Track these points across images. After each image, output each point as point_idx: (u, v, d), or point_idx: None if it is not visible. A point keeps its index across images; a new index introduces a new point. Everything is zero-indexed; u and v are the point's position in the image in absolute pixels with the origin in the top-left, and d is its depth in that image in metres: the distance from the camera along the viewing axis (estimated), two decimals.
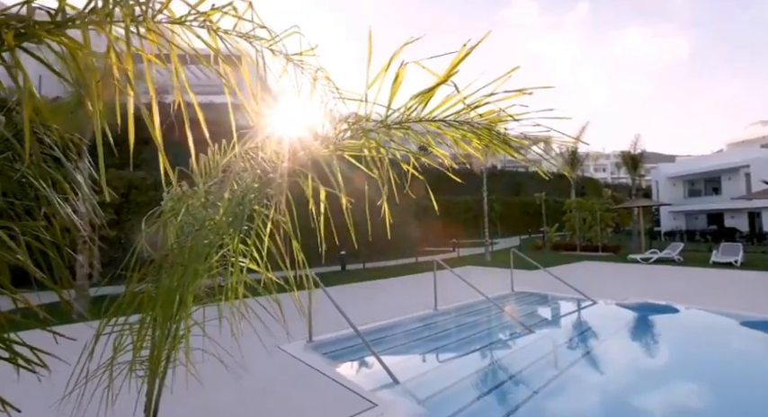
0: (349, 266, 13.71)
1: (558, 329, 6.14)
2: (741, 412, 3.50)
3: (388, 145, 1.51)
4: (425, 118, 1.42)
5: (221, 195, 1.50)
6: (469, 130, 1.48)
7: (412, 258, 15.61)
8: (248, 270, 1.71)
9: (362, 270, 13.02)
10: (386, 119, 1.42)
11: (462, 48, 1.31)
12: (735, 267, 11.58)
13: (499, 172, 42.78)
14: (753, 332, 6.02)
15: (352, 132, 1.43)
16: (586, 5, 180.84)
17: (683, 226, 31.62)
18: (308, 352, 4.39)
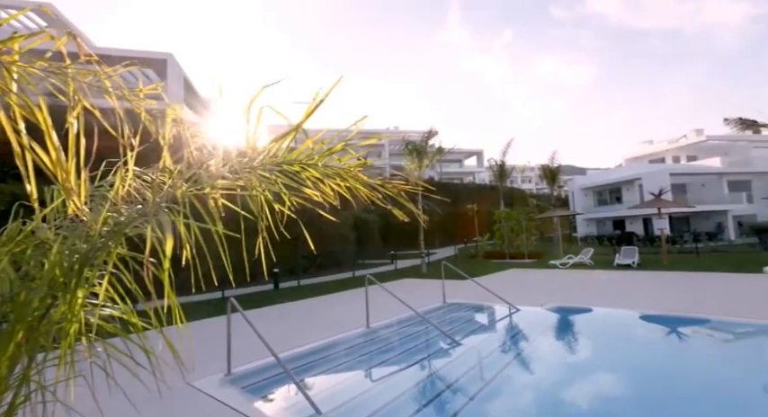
0: (284, 284, 13.15)
1: (483, 338, 6.38)
2: (656, 398, 3.81)
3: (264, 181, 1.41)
4: (283, 161, 1.36)
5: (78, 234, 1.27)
6: (332, 173, 1.44)
7: (350, 272, 15.43)
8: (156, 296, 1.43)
9: (297, 288, 12.53)
10: (251, 161, 1.33)
11: (315, 95, 1.31)
12: (632, 268, 13.15)
13: (436, 183, 44.47)
14: (650, 325, 6.76)
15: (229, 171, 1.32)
16: (510, 32, 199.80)
17: (594, 232, 35.24)
18: (225, 388, 4.02)
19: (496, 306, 7.66)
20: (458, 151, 55.74)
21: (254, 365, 4.59)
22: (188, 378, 3.99)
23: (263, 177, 1.33)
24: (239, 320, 4.32)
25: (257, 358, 4.66)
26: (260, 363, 4.61)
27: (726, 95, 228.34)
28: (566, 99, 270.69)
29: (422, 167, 14.76)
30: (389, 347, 5.99)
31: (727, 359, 5.14)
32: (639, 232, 29.74)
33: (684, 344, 6.04)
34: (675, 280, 10.74)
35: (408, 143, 15.12)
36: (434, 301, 8.44)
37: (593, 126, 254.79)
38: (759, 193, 28.84)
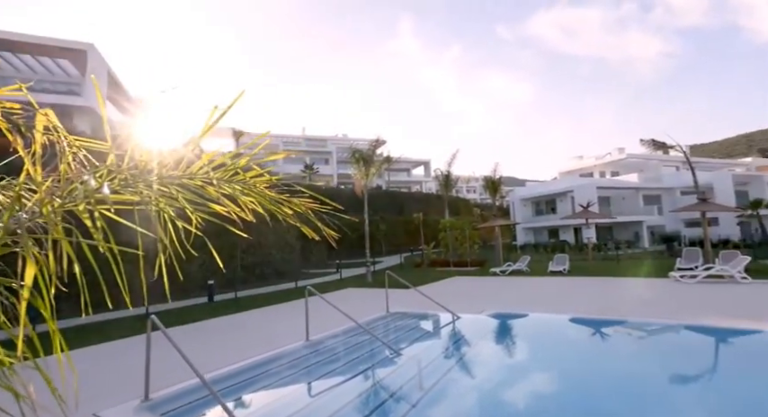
0: (221, 296, 12.41)
1: (425, 346, 6.49)
2: (585, 393, 4.07)
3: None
4: (183, 175, 1.29)
5: None
6: (242, 188, 1.40)
7: (292, 283, 14.99)
8: None
9: (234, 300, 11.89)
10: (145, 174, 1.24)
11: (214, 109, 1.27)
12: (563, 274, 14.26)
13: (383, 192, 44.99)
14: (578, 327, 7.29)
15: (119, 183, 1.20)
16: (459, 47, 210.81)
17: (532, 240, 37.72)
18: (141, 415, 3.65)
19: (438, 314, 7.85)
20: (406, 160, 57.03)
21: (177, 388, 4.23)
22: (95, 409, 3.57)
23: (163, 191, 1.24)
24: (165, 339, 3.97)
25: (182, 380, 4.31)
26: (183, 386, 4.26)
27: (644, 118, 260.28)
28: (509, 114, 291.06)
29: (368, 176, 14.87)
30: (330, 359, 5.86)
31: (640, 354, 5.70)
32: (571, 240, 32.39)
33: (606, 343, 6.61)
34: (599, 285, 11.81)
35: (355, 151, 15.16)
36: (378, 310, 8.45)
37: (534, 140, 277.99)
38: (667, 206, 32.82)
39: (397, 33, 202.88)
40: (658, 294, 10.06)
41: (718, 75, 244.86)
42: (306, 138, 55.66)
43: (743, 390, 3.82)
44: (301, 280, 15.48)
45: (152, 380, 4.08)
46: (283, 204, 1.48)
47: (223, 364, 5.04)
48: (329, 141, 55.32)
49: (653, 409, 3.50)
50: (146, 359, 4.06)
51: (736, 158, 54.95)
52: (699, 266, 11.78)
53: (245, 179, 1.36)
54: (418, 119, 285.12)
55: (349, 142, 49.06)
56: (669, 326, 6.97)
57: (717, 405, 3.52)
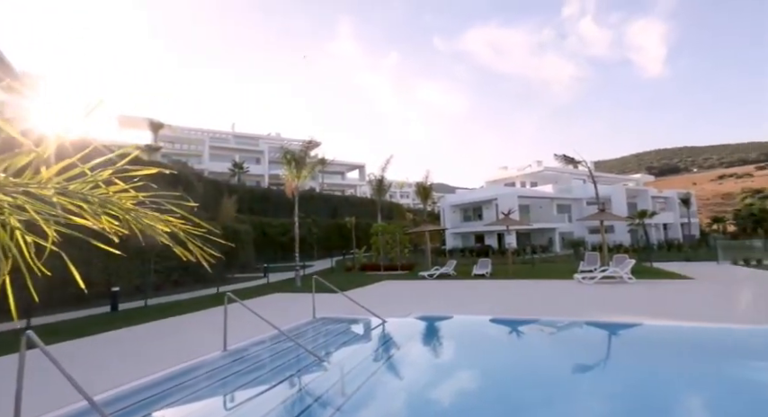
0: (128, 304, 11.17)
1: (350, 352, 6.48)
2: (504, 389, 4.31)
3: None
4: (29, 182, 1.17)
5: None
6: (99, 202, 1.32)
7: (214, 288, 14.05)
8: None
9: (143, 309, 10.80)
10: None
11: None
12: (486, 277, 15.29)
13: (317, 194, 44.28)
14: (498, 327, 7.82)
15: None
16: (397, 54, 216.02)
17: (460, 245, 39.81)
18: None
19: (365, 318, 7.91)
20: (340, 163, 56.83)
21: (61, 413, 3.71)
22: None
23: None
24: (56, 354, 3.43)
25: (68, 402, 3.78)
26: (69, 410, 3.75)
27: (559, 134, 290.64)
28: (443, 123, 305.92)
29: (300, 177, 14.51)
30: (249, 369, 5.58)
31: (550, 348, 6.29)
32: (495, 245, 34.82)
33: (522, 340, 7.18)
34: (516, 287, 12.85)
35: (287, 152, 14.71)
36: (306, 316, 8.27)
37: (465, 150, 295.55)
38: (576, 215, 36.90)
39: (336, 35, 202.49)
40: (563, 294, 11.24)
41: (617, 101, 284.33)
42: (235, 135, 52.77)
43: (631, 376, 4.40)
44: (225, 286, 14.58)
45: (31, 408, 3.52)
46: (154, 222, 1.38)
47: (119, 382, 4.53)
48: (261, 140, 53.10)
49: (562, 397, 3.89)
50: (17, 382, 3.49)
51: (629, 174, 63.71)
52: (597, 268, 13.41)
53: (108, 193, 1.25)
54: (355, 122, 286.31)
55: (282, 142, 47.55)
56: (574, 323, 7.79)
57: (611, 390, 4.02)
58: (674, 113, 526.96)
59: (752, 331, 6.22)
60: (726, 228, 48.55)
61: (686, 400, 3.66)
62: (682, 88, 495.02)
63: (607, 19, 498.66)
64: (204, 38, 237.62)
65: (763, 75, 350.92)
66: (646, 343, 6.23)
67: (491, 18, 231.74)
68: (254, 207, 34.59)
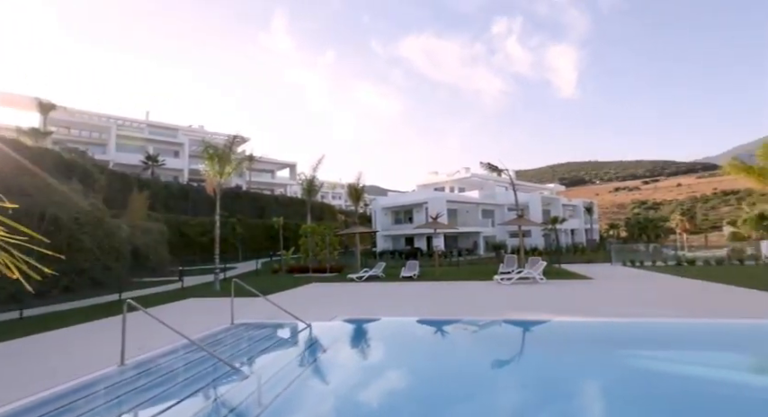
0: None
1: (271, 359, 6.15)
2: (431, 388, 4.33)
3: None
4: None
5: None
6: None
7: (115, 294, 12.50)
8: None
9: (17, 322, 9.22)
10: None
11: None
12: (413, 279, 15.72)
13: (243, 192, 41.98)
14: (424, 327, 7.99)
15: None
16: (333, 53, 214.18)
17: (391, 247, 40.54)
18: None
19: (289, 322, 7.60)
20: (270, 161, 54.66)
21: None
22: None
23: None
24: None
25: None
26: None
27: (486, 143, 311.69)
28: (377, 126, 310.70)
29: (223, 174, 13.54)
30: (149, 385, 4.99)
31: (473, 346, 6.59)
32: (424, 247, 36.06)
33: (446, 340, 7.43)
34: (442, 289, 13.38)
35: (209, 146, 13.63)
36: (223, 323, 7.70)
37: (399, 153, 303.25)
38: (498, 220, 39.73)
39: (269, 27, 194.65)
40: (484, 294, 11.97)
41: (537, 116, 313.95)
42: (150, 125, 47.93)
43: (543, 369, 4.77)
44: (130, 292, 13.06)
45: None
46: None
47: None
48: (181, 131, 48.93)
49: (484, 391, 4.08)
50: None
51: (545, 184, 70.46)
52: (514, 270, 14.52)
53: None
54: (288, 119, 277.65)
55: (205, 135, 44.30)
56: (494, 321, 8.24)
57: (527, 383, 4.32)
58: (582, 131, 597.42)
59: (638, 324, 7.16)
60: (619, 234, 55.92)
61: (588, 388, 4.04)
62: (589, 109, 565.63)
63: (529, 41, 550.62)
64: (118, 18, 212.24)
65: (649, 106, 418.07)
66: (554, 338, 6.82)
67: (427, 27, 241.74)
68: (171, 204, 31.72)
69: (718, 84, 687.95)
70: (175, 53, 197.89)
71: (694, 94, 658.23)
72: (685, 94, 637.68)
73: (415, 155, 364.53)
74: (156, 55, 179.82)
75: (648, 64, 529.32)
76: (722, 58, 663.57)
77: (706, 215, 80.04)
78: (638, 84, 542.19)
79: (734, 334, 6.18)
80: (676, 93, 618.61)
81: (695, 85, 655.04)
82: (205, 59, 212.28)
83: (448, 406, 3.97)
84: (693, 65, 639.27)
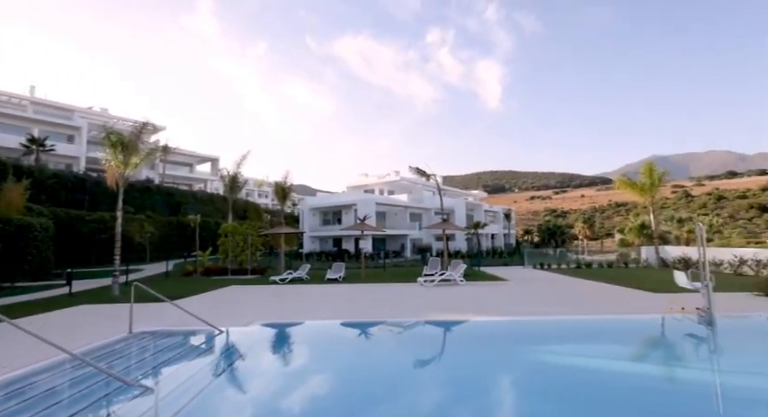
0: None
1: (174, 371, 5.65)
2: (359, 391, 4.24)
3: None
4: None
5: None
6: None
7: None
8: None
9: None
10: None
11: None
12: (339, 281, 15.65)
13: (156, 187, 38.23)
14: (348, 330, 7.95)
15: None
16: (265, 45, 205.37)
17: (318, 249, 39.91)
18: None
19: (200, 328, 7.07)
20: (189, 154, 50.67)
21: None
22: None
23: None
24: None
25: None
26: None
27: (417, 147, 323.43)
28: (309, 124, 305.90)
29: (129, 165, 12.12)
30: (21, 408, 4.27)
31: (397, 347, 6.72)
32: (352, 249, 36.10)
33: (370, 343, 7.48)
34: (367, 291, 13.49)
35: (111, 132, 12.11)
36: (120, 331, 6.88)
37: (330, 153, 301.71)
38: (426, 223, 41.30)
39: (194, 7, 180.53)
40: (407, 296, 12.33)
41: (466, 125, 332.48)
42: (35, 103, 41.41)
43: (463, 366, 5.02)
44: None
45: None
46: None
47: None
48: (78, 113, 43.03)
49: (408, 391, 4.16)
50: None
51: (470, 190, 75.02)
52: (437, 272, 15.19)
53: None
54: (213, 112, 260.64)
55: (109, 120, 39.59)
56: (417, 322, 8.54)
57: (444, 380, 4.51)
58: (505, 142, 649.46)
59: (543, 321, 7.91)
60: (533, 239, 61.59)
61: (503, 382, 4.36)
62: (511, 122, 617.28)
63: (460, 53, 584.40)
64: None
65: (561, 124, 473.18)
66: (472, 337, 7.25)
67: (364, 29, 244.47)
68: (62, 196, 27.72)
69: (615, 109, 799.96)
70: (77, 28, 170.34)
71: (596, 116, 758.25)
72: (589, 116, 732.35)
73: (345, 156, 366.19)
74: (54, 30, 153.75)
75: (561, 86, 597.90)
76: (618, 88, 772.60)
77: (602, 223, 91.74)
78: (553, 104, 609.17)
79: (617, 327, 7.13)
80: (583, 114, 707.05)
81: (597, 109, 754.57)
82: (115, 38, 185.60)
83: (373, 407, 4.01)
84: (596, 91, 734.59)
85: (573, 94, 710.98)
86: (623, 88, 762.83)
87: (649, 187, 23.15)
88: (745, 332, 6.18)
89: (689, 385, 3.98)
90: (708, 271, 6.01)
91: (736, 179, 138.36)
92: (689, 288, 8.36)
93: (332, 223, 41.82)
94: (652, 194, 23.47)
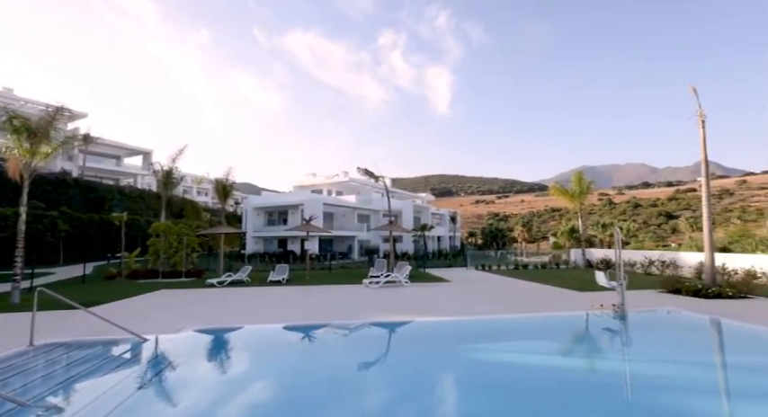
0: None
1: (87, 385, 5.07)
2: (298, 396, 4.03)
3: None
4: None
5: None
6: None
7: None
8: None
9: None
10: None
11: None
12: (282, 284, 15.15)
13: (74, 180, 34.55)
14: (291, 334, 7.67)
15: None
16: (208, 34, 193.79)
17: (262, 250, 38.46)
18: None
19: (120, 338, 6.43)
20: (116, 145, 46.50)
21: None
22: None
23: None
24: None
25: None
26: None
27: (367, 148, 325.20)
28: (256, 120, 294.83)
29: (37, 154, 10.72)
30: None
31: (342, 351, 6.59)
32: (298, 250, 35.22)
33: (315, 346, 7.27)
34: (310, 293, 13.18)
35: (14, 116, 10.61)
36: (19, 344, 6.03)
37: (277, 151, 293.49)
38: (374, 225, 41.45)
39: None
40: (352, 297, 12.24)
41: (416, 129, 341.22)
42: None
43: (409, 365, 5.02)
44: None
45: None
46: None
47: None
48: None
49: (352, 393, 4.06)
50: None
51: (418, 193, 76.60)
52: (383, 274, 15.25)
53: None
54: (147, 101, 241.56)
55: (13, 101, 35.14)
56: (362, 324, 8.47)
57: (394, 379, 4.48)
58: (453, 147, 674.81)
59: (483, 320, 8.20)
60: (477, 241, 64.35)
61: (445, 380, 4.43)
62: (459, 128, 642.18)
63: (412, 58, 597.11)
64: None
65: (505, 133, 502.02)
66: (415, 337, 7.33)
67: (315, 25, 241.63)
68: None
69: (553, 120, 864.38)
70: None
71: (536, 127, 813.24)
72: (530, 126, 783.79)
73: (294, 155, 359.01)
74: None
75: (505, 96, 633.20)
76: (555, 101, 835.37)
77: (539, 227, 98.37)
78: (498, 112, 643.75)
79: (547, 324, 7.57)
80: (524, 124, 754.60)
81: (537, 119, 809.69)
82: (27, 13, 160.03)
83: (319, 412, 3.87)
84: (536, 103, 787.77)
85: (515, 105, 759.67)
86: (559, 101, 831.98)
87: (578, 194, 25.19)
88: (651, 324, 6.94)
89: (605, 373, 4.39)
90: (622, 272, 6.70)
91: (649, 189, 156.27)
92: (607, 286, 9.25)
93: (277, 223, 40.54)
94: (581, 201, 25.57)
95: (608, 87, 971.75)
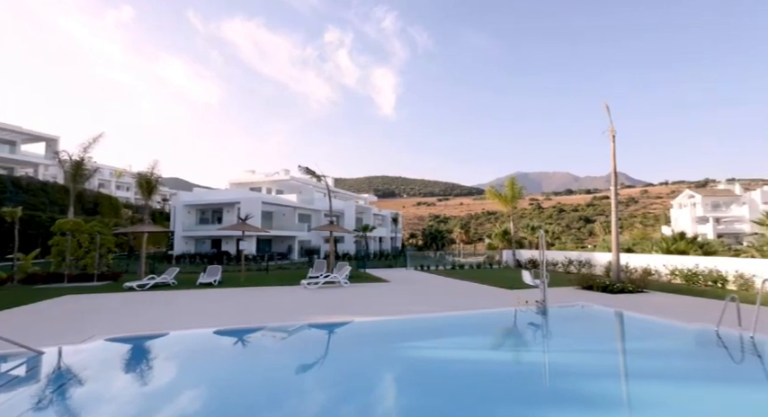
0: None
1: None
2: (232, 403, 3.70)
3: None
4: None
5: None
6: None
7: None
8: None
9: None
10: None
11: None
12: (214, 286, 14.25)
13: None
14: (223, 339, 7.17)
15: None
16: (131, 11, 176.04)
17: (192, 250, 36.00)
18: None
19: (7, 352, 5.58)
20: (8, 129, 40.67)
21: None
22: None
23: None
24: None
25: None
26: None
27: (310, 147, 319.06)
28: (189, 111, 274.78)
29: None
30: None
31: (279, 354, 6.28)
32: (234, 251, 33.46)
33: (249, 350, 6.86)
34: (245, 295, 12.55)
35: None
36: None
37: (211, 145, 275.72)
38: (315, 225, 40.69)
39: None
40: (289, 299, 11.87)
41: (360, 129, 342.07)
42: None
43: (349, 367, 4.91)
44: None
45: None
46: None
47: None
48: None
49: (293, 397, 3.88)
50: None
51: (361, 194, 76.68)
52: (322, 274, 14.98)
53: None
54: (56, 83, 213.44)
55: None
56: (301, 326, 8.20)
57: (334, 382, 4.36)
58: (396, 148, 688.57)
59: (419, 319, 8.35)
60: (417, 242, 65.89)
61: (382, 380, 4.40)
62: (403, 130, 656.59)
63: (359, 58, 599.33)
64: None
65: (446, 137, 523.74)
66: (355, 337, 7.25)
67: (257, 14, 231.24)
68: None
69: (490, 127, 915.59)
70: None
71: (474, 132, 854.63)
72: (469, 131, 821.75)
73: (232, 151, 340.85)
74: None
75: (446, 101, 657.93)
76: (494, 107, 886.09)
77: (476, 229, 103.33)
78: (439, 116, 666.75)
79: (478, 321, 7.90)
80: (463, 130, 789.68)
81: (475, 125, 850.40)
82: None
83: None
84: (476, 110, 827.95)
85: (456, 110, 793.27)
86: (497, 109, 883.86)
87: (511, 198, 26.86)
88: (568, 318, 7.69)
89: (529, 363, 4.78)
90: (545, 271, 7.37)
91: (571, 196, 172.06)
92: (532, 284, 10.03)
93: (211, 222, 38.22)
94: (513, 205, 27.31)
95: (539, 98, 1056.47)
